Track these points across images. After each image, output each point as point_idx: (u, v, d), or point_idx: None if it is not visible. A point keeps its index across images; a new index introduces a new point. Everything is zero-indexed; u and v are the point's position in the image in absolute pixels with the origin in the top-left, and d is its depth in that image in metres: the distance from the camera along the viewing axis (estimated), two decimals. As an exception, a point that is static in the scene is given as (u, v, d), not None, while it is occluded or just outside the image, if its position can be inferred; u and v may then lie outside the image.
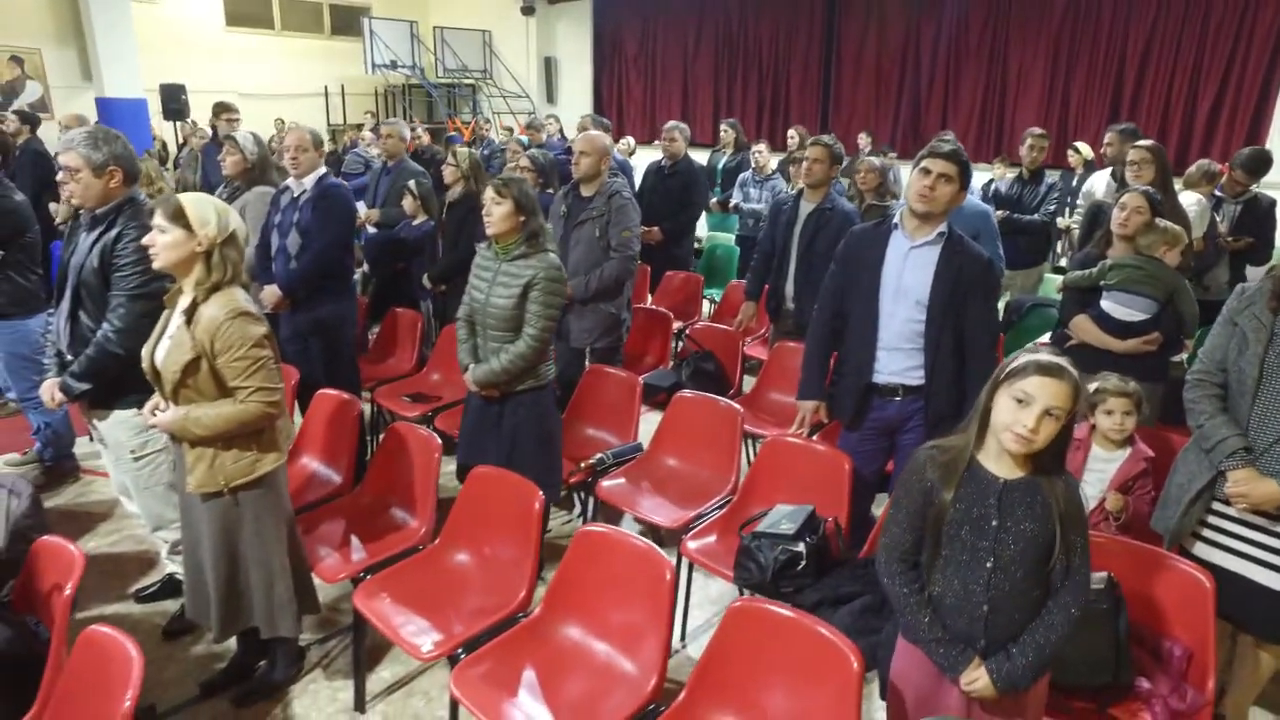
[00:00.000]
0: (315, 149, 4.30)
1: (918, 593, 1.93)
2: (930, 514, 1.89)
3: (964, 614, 1.87)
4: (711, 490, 3.32)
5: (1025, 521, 1.81)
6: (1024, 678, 1.82)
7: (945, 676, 1.90)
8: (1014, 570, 1.82)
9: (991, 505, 1.83)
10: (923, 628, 1.91)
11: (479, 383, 3.17)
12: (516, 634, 2.41)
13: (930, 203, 2.78)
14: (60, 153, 2.81)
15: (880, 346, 2.91)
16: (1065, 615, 1.82)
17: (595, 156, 4.18)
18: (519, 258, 3.13)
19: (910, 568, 1.96)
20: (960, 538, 1.86)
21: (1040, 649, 1.81)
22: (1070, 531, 1.81)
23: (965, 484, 1.86)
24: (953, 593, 1.88)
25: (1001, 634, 1.85)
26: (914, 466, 1.95)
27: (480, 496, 2.82)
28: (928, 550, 1.92)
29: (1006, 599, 1.84)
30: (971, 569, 1.85)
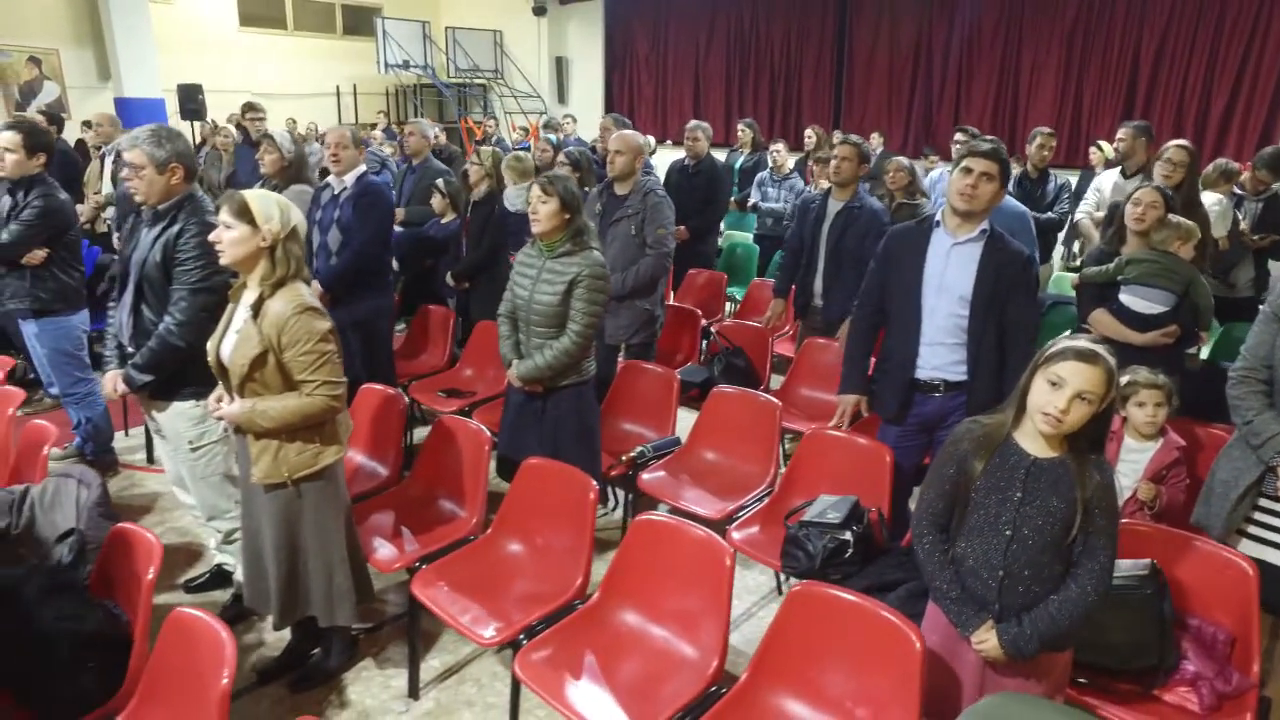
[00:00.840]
0: (355, 147, 4.38)
1: (942, 553, 2.05)
2: (961, 481, 2.01)
3: (981, 578, 1.98)
4: (751, 483, 3.39)
5: (1048, 499, 1.90)
6: (1030, 645, 1.91)
7: (963, 641, 2.01)
8: (1031, 543, 1.92)
9: (1018, 480, 1.93)
10: (942, 586, 2.03)
11: (523, 379, 3.23)
12: (575, 620, 2.49)
13: (972, 201, 2.85)
14: (125, 150, 2.88)
15: (923, 342, 2.97)
16: (1081, 595, 1.90)
17: (630, 155, 4.24)
18: (563, 255, 3.19)
19: (939, 530, 2.08)
20: (985, 506, 1.97)
21: (1051, 621, 1.90)
22: (1096, 514, 1.89)
23: (997, 457, 1.97)
24: (973, 556, 1.99)
25: (1015, 600, 1.95)
26: (954, 437, 2.07)
27: (532, 488, 2.90)
28: (956, 515, 2.03)
29: (1022, 569, 1.93)
30: (991, 537, 1.96)
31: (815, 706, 2.11)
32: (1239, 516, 2.55)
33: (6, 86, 12.18)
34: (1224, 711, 2.18)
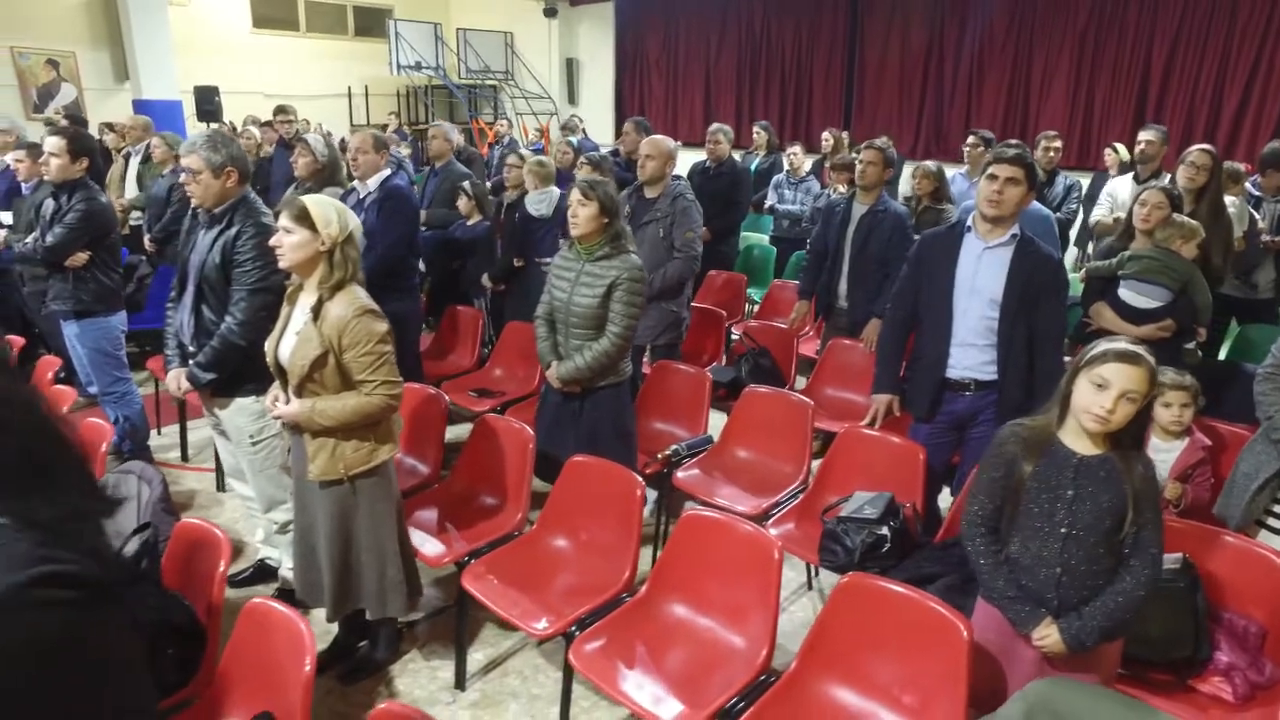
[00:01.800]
0: (376, 151, 4.47)
1: (995, 554, 2.13)
2: (1010, 484, 2.09)
3: (1037, 576, 2.06)
4: (783, 481, 3.47)
5: (1100, 494, 1.99)
6: (1091, 637, 1.99)
7: (1019, 636, 2.09)
8: (1086, 538, 2.00)
9: (1068, 478, 2.02)
10: (999, 587, 2.11)
11: (563, 379, 3.31)
12: (625, 612, 2.57)
13: (1000, 206, 2.93)
14: (182, 156, 2.97)
15: (954, 343, 3.06)
16: (1136, 584, 1.99)
17: (661, 160, 4.33)
18: (602, 258, 3.27)
19: (990, 532, 2.16)
20: (1037, 505, 2.05)
21: (1110, 613, 1.98)
22: (1143, 506, 1.98)
23: (1045, 458, 2.05)
24: (1028, 555, 2.07)
25: (1072, 595, 2.03)
26: (999, 440, 2.15)
27: (576, 485, 2.98)
28: (1006, 516, 2.12)
29: (1079, 564, 2.02)
30: (1046, 535, 2.04)
31: (863, 694, 2.19)
32: (1258, 508, 2.64)
33: (25, 89, 12.28)
34: (1257, 701, 2.26)
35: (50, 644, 0.82)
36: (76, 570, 0.85)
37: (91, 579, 0.87)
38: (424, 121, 16.46)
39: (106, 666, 0.89)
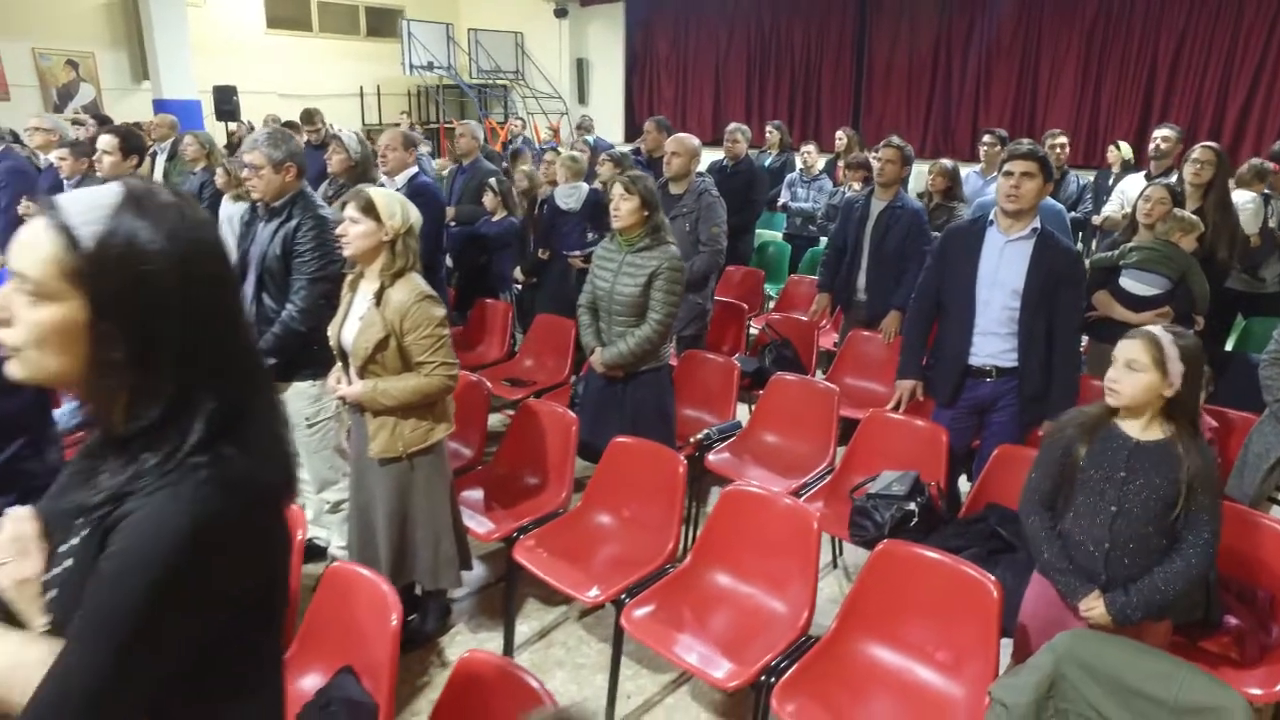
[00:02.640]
0: (405, 148, 4.64)
1: (1050, 529, 2.28)
2: (1066, 463, 2.24)
3: (1087, 551, 2.21)
4: (810, 463, 3.63)
5: (1153, 478, 2.13)
6: (1135, 613, 2.13)
7: (1069, 609, 2.23)
8: (1135, 518, 2.14)
9: (1121, 460, 2.16)
10: (1051, 559, 2.26)
11: (608, 364, 3.47)
12: (671, 581, 2.74)
13: (1018, 200, 3.09)
14: (245, 153, 3.13)
15: (976, 331, 3.22)
16: (1186, 566, 2.12)
17: (686, 157, 4.50)
18: (643, 249, 3.43)
19: (1046, 508, 2.31)
20: (1091, 484, 2.20)
21: (1155, 591, 2.12)
22: (1198, 492, 2.11)
23: (1100, 441, 2.21)
24: (1080, 531, 2.22)
25: (1120, 571, 2.17)
26: (1059, 424, 2.31)
27: (619, 464, 3.15)
28: (1062, 494, 2.26)
29: (1126, 542, 2.16)
30: (1097, 512, 2.19)
31: (900, 651, 2.36)
32: (1270, 486, 2.80)
33: (45, 89, 12.45)
34: (1264, 661, 2.42)
35: (258, 538, 1.04)
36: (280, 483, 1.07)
37: (287, 492, 1.08)
38: (435, 121, 16.64)
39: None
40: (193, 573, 0.94)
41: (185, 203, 1.01)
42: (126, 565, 0.92)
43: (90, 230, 0.93)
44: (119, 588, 0.91)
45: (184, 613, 0.96)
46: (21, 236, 0.95)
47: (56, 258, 0.93)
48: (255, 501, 1.02)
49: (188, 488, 0.95)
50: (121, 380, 0.96)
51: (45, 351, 0.96)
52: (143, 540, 0.92)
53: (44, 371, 0.97)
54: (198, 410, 0.98)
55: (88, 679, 0.91)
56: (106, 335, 0.95)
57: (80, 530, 0.99)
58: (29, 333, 0.95)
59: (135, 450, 0.97)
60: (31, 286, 0.94)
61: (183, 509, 0.94)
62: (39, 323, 0.94)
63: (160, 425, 0.96)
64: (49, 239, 0.93)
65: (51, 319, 0.94)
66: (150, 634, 0.93)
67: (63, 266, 0.93)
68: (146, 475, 0.95)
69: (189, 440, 0.96)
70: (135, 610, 0.91)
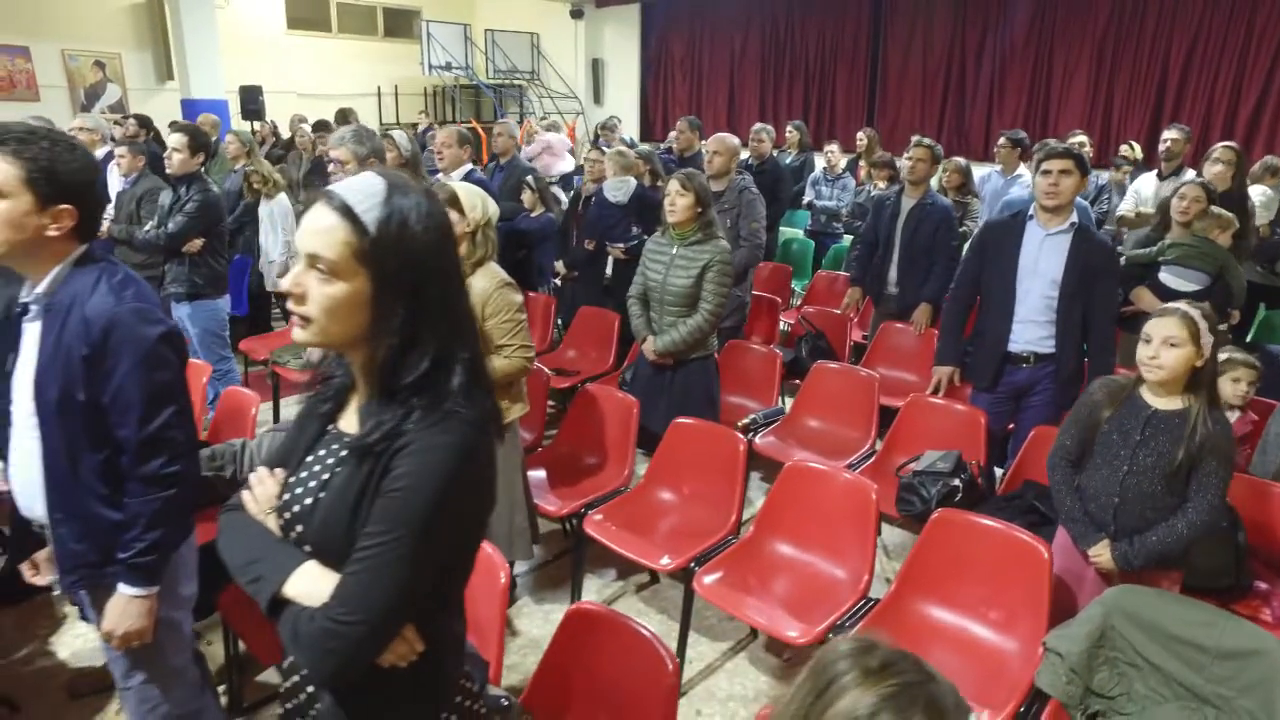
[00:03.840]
0: (459, 146, 4.84)
1: (1070, 482, 2.55)
2: (1091, 424, 2.49)
3: (1100, 503, 2.46)
4: (853, 446, 3.83)
5: (1164, 443, 2.36)
6: (1137, 560, 2.38)
7: (1082, 556, 2.49)
8: (1143, 477, 2.38)
9: (1138, 425, 2.40)
10: (1068, 508, 2.53)
11: (660, 351, 3.68)
12: (736, 550, 2.94)
13: (1057, 197, 3.30)
14: (332, 149, 3.34)
15: (1016, 320, 3.42)
16: (1187, 524, 2.35)
17: (727, 155, 4.70)
18: (695, 243, 3.64)
19: (1070, 465, 2.57)
20: (1109, 444, 2.45)
21: (1157, 542, 2.36)
22: (1207, 455, 2.33)
23: (1124, 406, 2.45)
24: (1093, 485, 2.48)
25: (1129, 523, 2.42)
26: (1089, 390, 2.56)
27: (680, 444, 3.35)
28: (1086, 454, 2.51)
29: (1135, 498, 2.40)
30: (1111, 470, 2.44)
31: (955, 611, 2.56)
32: (1291, 463, 3.00)
33: (73, 89, 12.68)
34: (1291, 621, 2.63)
35: (491, 469, 1.26)
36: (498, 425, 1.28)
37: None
38: (451, 120, 16.85)
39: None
40: (459, 488, 1.17)
41: (425, 188, 1.22)
42: (417, 482, 1.14)
43: (372, 216, 1.14)
44: (412, 498, 1.14)
45: (454, 518, 1.19)
46: (312, 224, 1.15)
47: (349, 241, 1.14)
48: (490, 439, 1.23)
49: (454, 425, 1.17)
50: (396, 341, 1.16)
51: (333, 320, 1.17)
52: (426, 464, 1.14)
53: (328, 338, 1.19)
54: (455, 363, 1.19)
55: (394, 565, 1.13)
56: (387, 305, 1.16)
57: (347, 460, 1.21)
58: (322, 304, 1.16)
59: (404, 397, 1.17)
60: (326, 266, 1.14)
61: (453, 441, 1.16)
62: (332, 296, 1.15)
63: (426, 376, 1.17)
64: (341, 225, 1.14)
65: (343, 293, 1.15)
66: (435, 531, 1.15)
67: (354, 249, 1.14)
68: (416, 417, 1.17)
69: (452, 388, 1.18)
70: (426, 513, 1.14)
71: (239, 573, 1.26)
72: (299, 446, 1.33)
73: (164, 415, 1.80)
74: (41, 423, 1.78)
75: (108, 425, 1.78)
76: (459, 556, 1.28)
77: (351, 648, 1.14)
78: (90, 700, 2.87)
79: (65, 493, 1.81)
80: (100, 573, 1.85)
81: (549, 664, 2.13)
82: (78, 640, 3.20)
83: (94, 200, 1.81)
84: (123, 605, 1.85)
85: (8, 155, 1.67)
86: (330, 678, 1.20)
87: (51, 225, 1.73)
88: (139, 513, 1.81)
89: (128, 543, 1.81)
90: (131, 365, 1.75)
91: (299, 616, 1.17)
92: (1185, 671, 2.11)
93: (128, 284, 1.81)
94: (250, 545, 1.27)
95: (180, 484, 1.86)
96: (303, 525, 1.25)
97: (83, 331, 1.73)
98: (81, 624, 3.28)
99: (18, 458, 1.88)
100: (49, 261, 1.78)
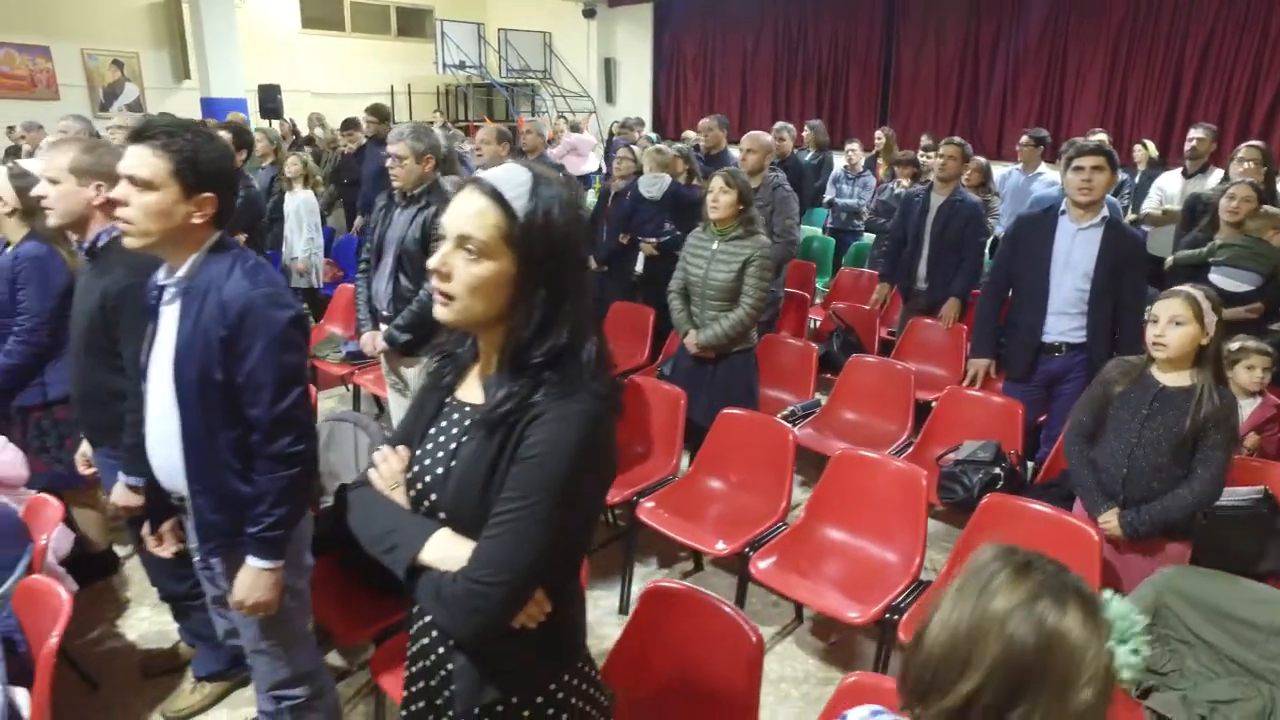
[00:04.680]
0: (498, 143, 4.94)
1: (1084, 454, 2.69)
2: (1104, 401, 2.64)
3: (1110, 473, 2.60)
4: (890, 437, 3.92)
5: (1171, 418, 2.49)
6: (1143, 527, 2.52)
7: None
8: (1150, 449, 2.51)
9: (1146, 400, 2.54)
10: (1082, 478, 2.67)
11: (703, 345, 3.77)
12: (787, 536, 3.03)
13: (1090, 193, 3.40)
14: (391, 144, 3.43)
15: (1050, 311, 3.52)
16: (1191, 494, 2.48)
17: (761, 153, 4.80)
18: (736, 239, 3.73)
19: (1085, 439, 2.71)
20: (1119, 418, 2.59)
21: (1161, 511, 2.50)
22: (1211, 428, 2.45)
23: (1135, 383, 2.59)
24: (1105, 457, 2.62)
25: (1137, 493, 2.55)
26: (1105, 369, 2.70)
27: (728, 434, 3.44)
28: (1100, 427, 2.65)
29: (1143, 468, 2.53)
30: (1121, 441, 2.57)
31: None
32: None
33: (93, 88, 12.80)
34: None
35: (614, 441, 1.35)
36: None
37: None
38: (464, 119, 16.95)
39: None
40: (590, 456, 1.26)
41: (564, 180, 1.31)
42: (552, 449, 1.22)
43: (521, 204, 1.23)
44: (548, 464, 1.22)
45: (585, 484, 1.27)
46: (464, 208, 1.25)
47: (499, 225, 1.23)
48: (614, 413, 1.31)
49: (585, 396, 1.26)
50: (537, 319, 1.25)
51: (476, 299, 1.26)
52: (561, 432, 1.23)
53: (470, 315, 1.28)
54: (586, 340, 1.28)
55: (532, 528, 1.22)
56: (530, 286, 1.25)
57: (474, 431, 1.31)
58: (468, 283, 1.25)
59: (534, 371, 1.26)
60: (476, 247, 1.23)
61: (585, 410, 1.25)
62: (479, 275, 1.24)
63: (560, 351, 1.26)
64: (492, 209, 1.23)
65: (489, 273, 1.24)
66: (570, 496, 1.24)
67: (503, 232, 1.23)
68: (546, 389, 1.25)
69: (584, 363, 1.27)
70: (562, 478, 1.22)
71: (373, 543, 1.35)
72: (420, 423, 1.42)
73: (292, 395, 1.89)
74: (180, 401, 1.88)
75: (241, 404, 1.88)
76: (587, 521, 1.37)
77: (495, 607, 1.23)
78: (163, 679, 2.97)
79: (203, 467, 1.91)
80: (233, 542, 1.96)
81: (627, 641, 2.20)
82: (143, 623, 3.31)
83: (231, 189, 1.91)
84: (252, 577, 1.95)
85: (157, 149, 1.77)
86: (474, 637, 1.28)
87: (195, 213, 1.83)
88: (267, 489, 1.91)
89: (256, 517, 1.91)
90: (264, 347, 1.84)
91: (441, 580, 1.26)
92: (1237, 648, 2.21)
93: (259, 269, 1.91)
94: (383, 517, 1.36)
95: (304, 462, 1.96)
96: (436, 494, 1.34)
97: (220, 314, 1.83)
98: (145, 609, 3.39)
99: (156, 436, 1.98)
100: (190, 248, 1.88)
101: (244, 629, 2.11)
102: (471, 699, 1.35)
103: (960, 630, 1.03)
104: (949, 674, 1.03)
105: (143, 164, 1.79)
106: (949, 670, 1.03)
